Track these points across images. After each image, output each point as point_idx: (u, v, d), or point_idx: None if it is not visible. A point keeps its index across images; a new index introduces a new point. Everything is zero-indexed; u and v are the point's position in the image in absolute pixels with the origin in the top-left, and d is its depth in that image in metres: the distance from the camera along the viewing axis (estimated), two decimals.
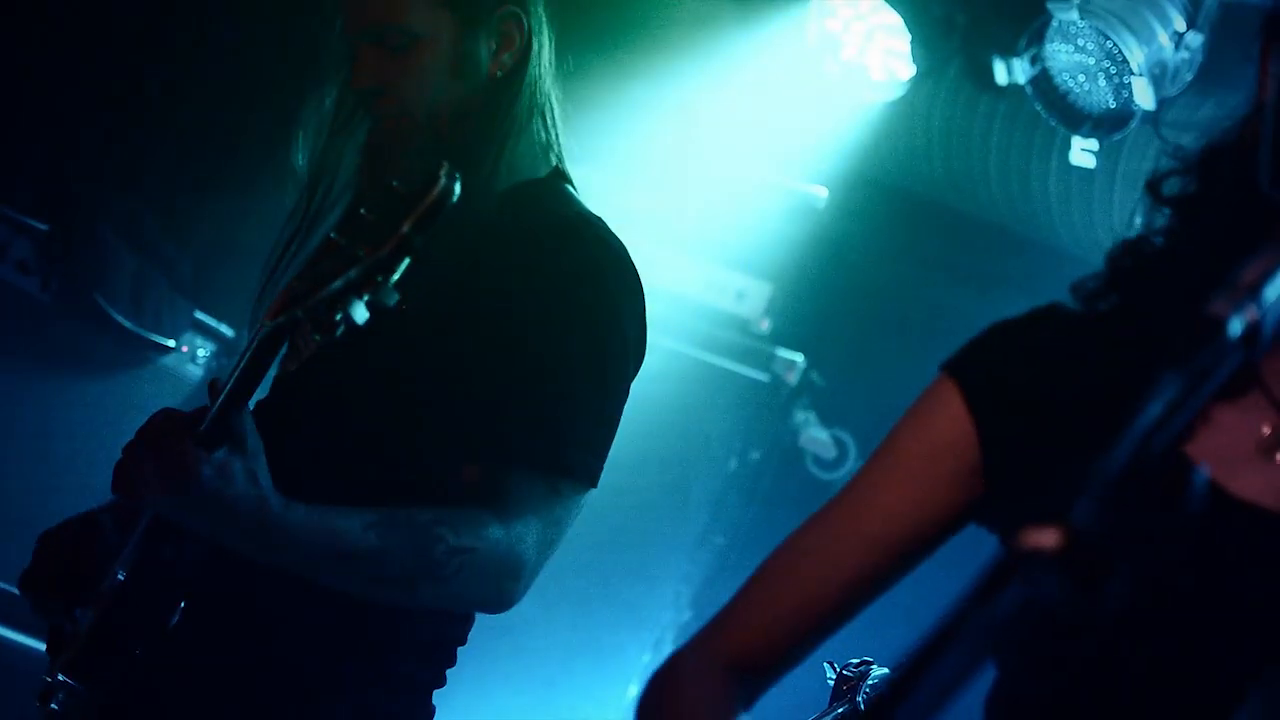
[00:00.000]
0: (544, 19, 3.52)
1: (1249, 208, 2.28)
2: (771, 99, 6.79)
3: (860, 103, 6.66)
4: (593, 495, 3.36)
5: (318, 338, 2.83)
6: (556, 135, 3.55)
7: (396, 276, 2.79)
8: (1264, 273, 1.76)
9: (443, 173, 2.81)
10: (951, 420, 2.47)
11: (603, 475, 3.35)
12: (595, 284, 3.34)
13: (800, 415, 7.22)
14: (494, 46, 3.45)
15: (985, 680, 2.53)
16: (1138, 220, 2.50)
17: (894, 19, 6.29)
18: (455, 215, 2.84)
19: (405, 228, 2.76)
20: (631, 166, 6.89)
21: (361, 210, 2.85)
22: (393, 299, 2.79)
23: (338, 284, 2.80)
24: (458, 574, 3.13)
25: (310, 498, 3.06)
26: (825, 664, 4.43)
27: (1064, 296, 2.52)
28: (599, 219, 3.46)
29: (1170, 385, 1.64)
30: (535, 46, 3.49)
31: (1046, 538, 1.46)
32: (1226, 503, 2.27)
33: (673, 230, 7.12)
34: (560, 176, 3.55)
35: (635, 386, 3.41)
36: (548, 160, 3.52)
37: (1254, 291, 1.72)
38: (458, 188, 2.82)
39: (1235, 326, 1.69)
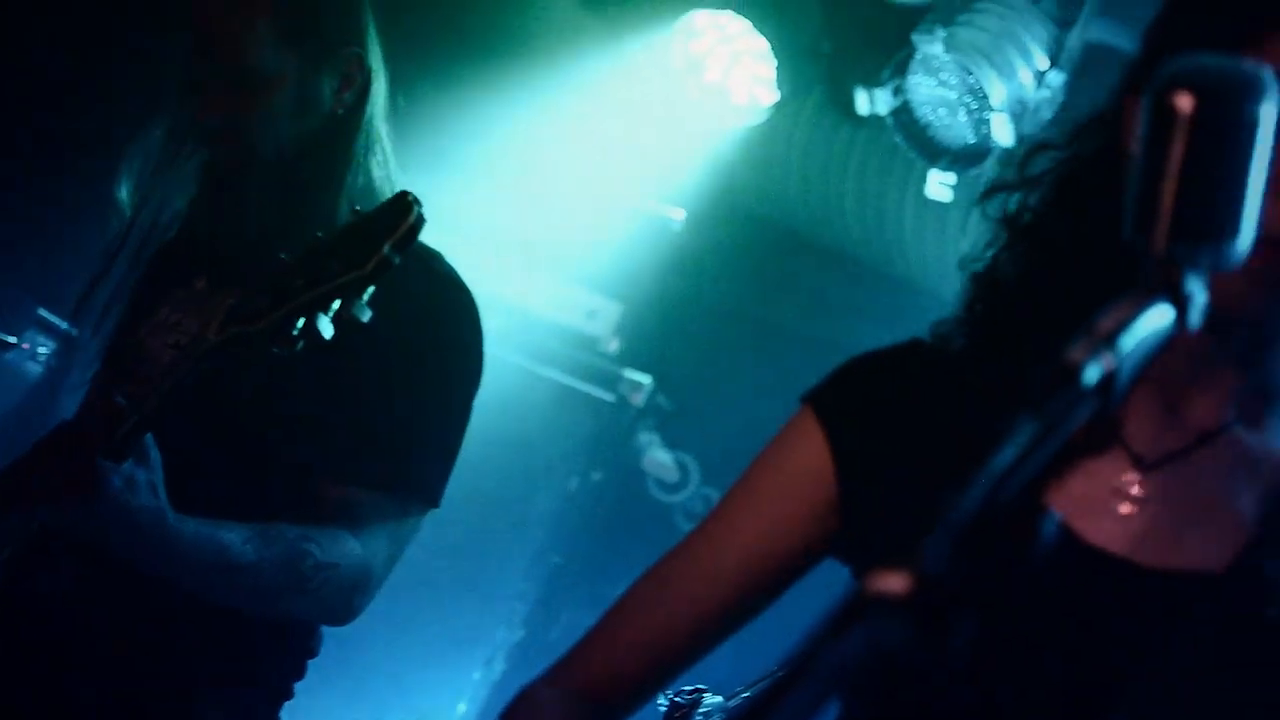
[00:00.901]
0: (380, 59, 3.63)
1: (1108, 253, 2.29)
2: (633, 118, 6.77)
3: (722, 126, 6.66)
4: (431, 510, 3.51)
5: (276, 350, 2.93)
6: (390, 170, 3.65)
7: (368, 295, 2.90)
8: (1121, 322, 1.75)
9: (412, 198, 2.93)
10: (811, 454, 2.46)
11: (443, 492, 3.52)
12: (439, 317, 3.52)
13: (644, 437, 7.20)
14: (336, 85, 3.54)
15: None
16: (989, 254, 2.51)
17: (759, 44, 6.29)
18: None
19: (386, 248, 2.87)
20: (488, 181, 6.85)
21: (319, 234, 2.97)
22: (366, 315, 2.91)
23: (306, 298, 2.89)
24: (321, 588, 3.27)
25: (189, 508, 3.13)
26: None
27: (917, 328, 2.52)
28: (437, 252, 3.59)
29: (1024, 431, 1.63)
30: (374, 85, 3.59)
31: (894, 582, 1.43)
32: (1082, 551, 2.27)
33: (526, 246, 7.09)
34: None
35: (478, 402, 3.58)
36: (384, 195, 3.60)
37: (1110, 340, 1.72)
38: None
39: (1091, 375, 1.68)
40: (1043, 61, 5.78)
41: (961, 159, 6.02)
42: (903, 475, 2.35)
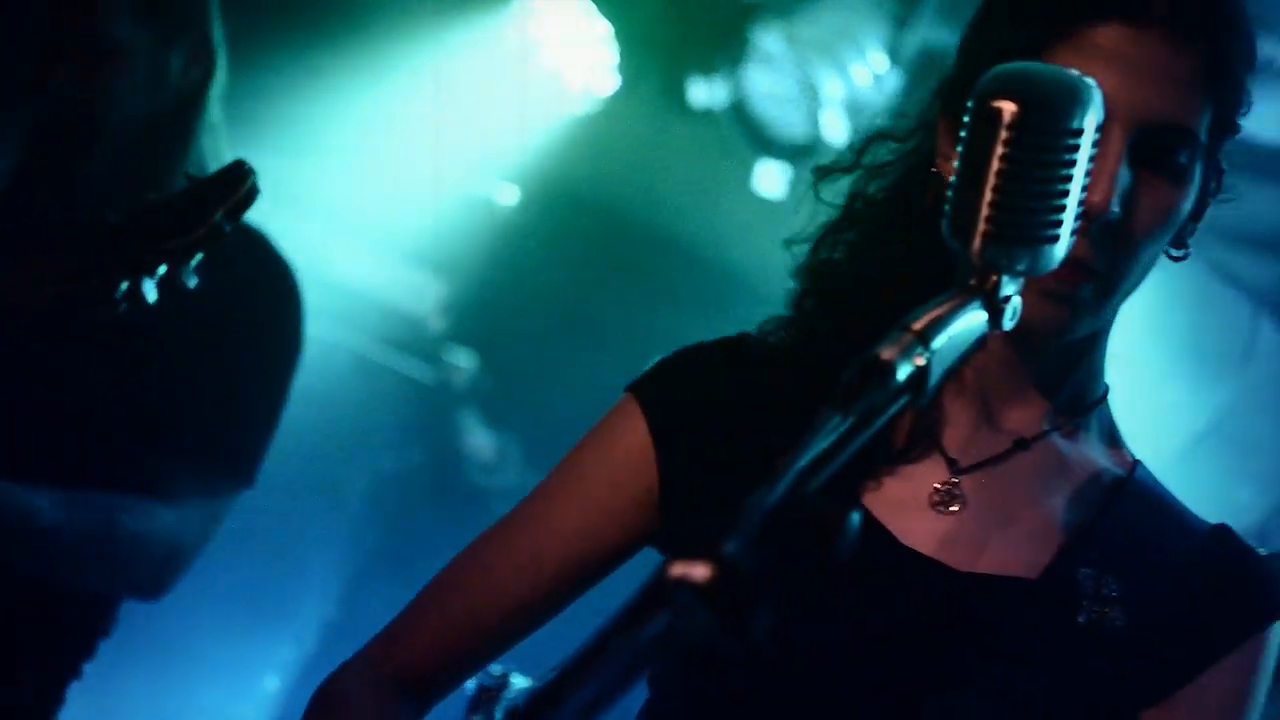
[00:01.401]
0: (222, 39, 3.62)
1: (930, 255, 2.32)
2: (467, 97, 6.74)
3: (557, 110, 6.65)
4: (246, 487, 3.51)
5: (99, 312, 2.89)
6: (220, 145, 3.62)
7: (195, 262, 2.88)
8: (934, 321, 1.77)
9: (247, 168, 2.91)
10: (634, 444, 2.46)
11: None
12: (262, 295, 3.52)
13: (465, 418, 7.18)
14: (183, 62, 3.53)
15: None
16: (823, 254, 2.53)
17: (596, 29, 6.30)
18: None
19: (218, 215, 2.85)
20: (316, 155, 6.79)
21: (150, 196, 2.94)
22: (192, 282, 2.89)
23: (132, 261, 2.86)
24: (129, 558, 3.26)
25: None
26: None
27: (746, 320, 2.53)
28: (263, 231, 3.59)
29: (833, 425, 1.64)
30: (217, 64, 3.58)
31: (695, 570, 1.44)
32: (896, 551, 2.30)
33: (350, 221, 7.03)
34: None
35: (299, 380, 3.54)
36: (214, 169, 3.59)
37: (923, 338, 1.74)
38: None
39: (902, 371, 1.70)
40: (880, 61, 5.83)
41: (794, 154, 6.07)
42: (722, 469, 2.36)
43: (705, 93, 6.03)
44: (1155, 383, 6.56)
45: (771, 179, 6.16)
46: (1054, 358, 2.40)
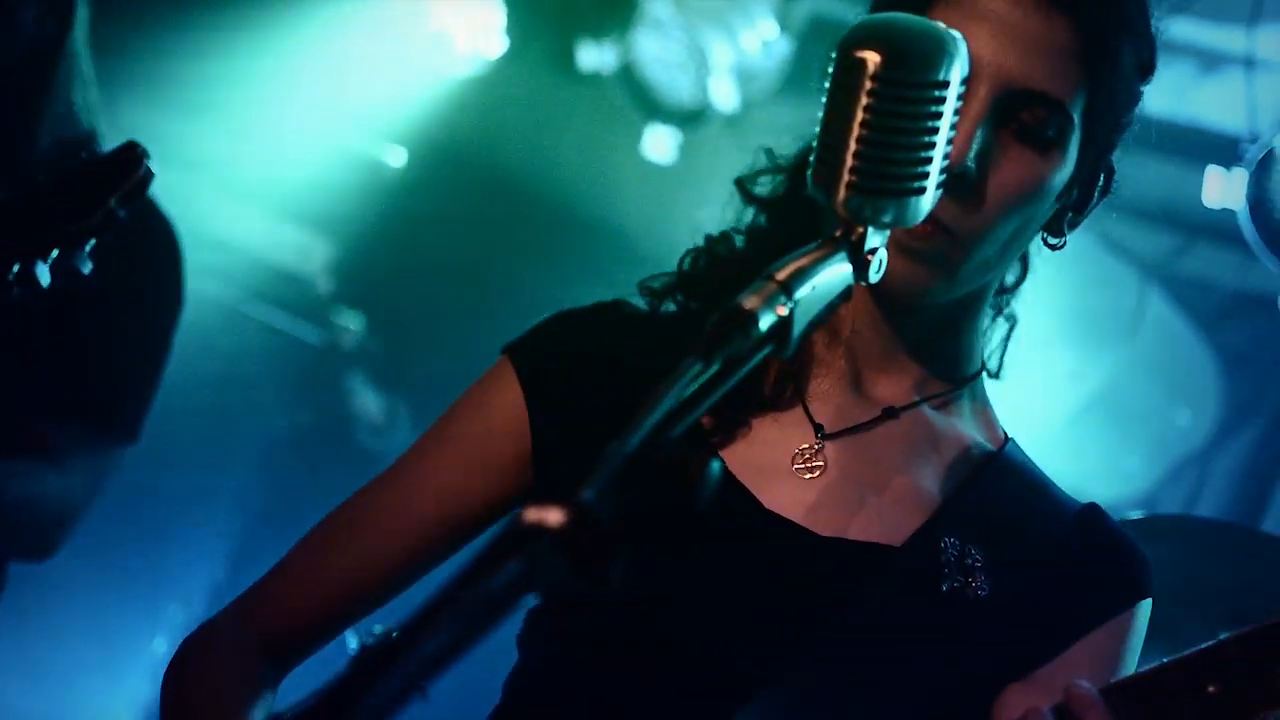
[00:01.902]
0: None
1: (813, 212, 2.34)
2: (355, 58, 6.69)
3: (445, 72, 6.62)
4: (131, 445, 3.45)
5: None
6: (91, 98, 3.53)
7: (90, 247, 2.81)
8: (798, 270, 1.77)
9: (141, 151, 2.82)
10: (507, 405, 2.47)
11: (147, 422, 3.48)
12: (138, 248, 3.41)
13: (353, 379, 7.14)
14: (36, 13, 3.42)
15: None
16: (728, 215, 2.55)
17: None
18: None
19: (112, 202, 2.77)
20: (203, 113, 6.72)
21: (39, 177, 2.84)
22: (87, 267, 2.82)
23: (24, 244, 2.79)
24: (17, 523, 3.25)
25: None
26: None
27: (632, 283, 2.57)
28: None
29: (693, 373, 1.64)
30: (77, 13, 3.47)
31: (550, 515, 1.43)
32: (759, 514, 2.31)
33: (238, 181, 6.96)
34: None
35: (183, 340, 3.50)
36: (86, 123, 3.54)
37: (786, 288, 1.74)
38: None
39: (764, 320, 1.70)
40: (769, 28, 5.83)
41: (683, 119, 6.06)
42: (593, 429, 2.35)
43: (594, 56, 6.02)
44: (1044, 352, 6.59)
45: (660, 144, 6.15)
46: (925, 326, 2.42)
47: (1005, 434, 2.52)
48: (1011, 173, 2.27)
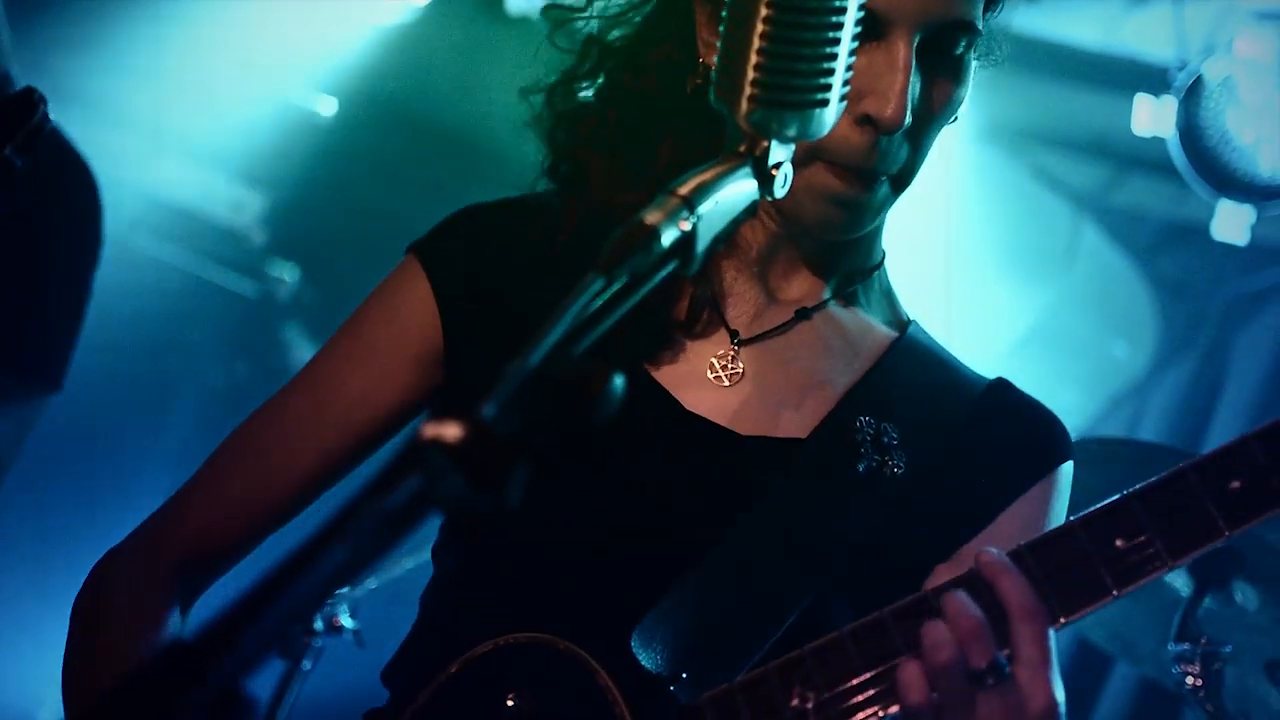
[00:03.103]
0: None
1: (689, 107, 2.34)
2: (283, 9, 6.65)
3: (373, 20, 6.59)
4: (69, 404, 3.41)
5: None
6: (3, 42, 3.50)
7: None
8: (701, 186, 1.76)
9: (38, 97, 2.81)
10: (416, 303, 2.44)
11: (80, 384, 3.43)
12: (53, 191, 3.33)
13: (289, 331, 7.11)
14: None
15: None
16: (561, 102, 2.52)
17: None
18: None
19: (8, 150, 2.77)
20: (133, 66, 6.66)
21: None
22: None
23: None
24: None
25: None
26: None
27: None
28: (56, 131, 3.43)
29: (596, 288, 1.62)
30: None
31: (447, 430, 1.42)
32: (680, 416, 2.31)
33: (170, 135, 6.92)
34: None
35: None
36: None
37: (689, 203, 1.72)
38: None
39: (666, 236, 1.69)
40: None
41: None
42: (502, 327, 2.35)
43: (522, 1, 5.99)
44: (980, 286, 6.63)
45: None
46: (815, 244, 2.45)
47: (908, 318, 2.55)
48: (936, 103, 2.32)
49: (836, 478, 2.30)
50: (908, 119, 2.23)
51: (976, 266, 6.59)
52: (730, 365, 2.38)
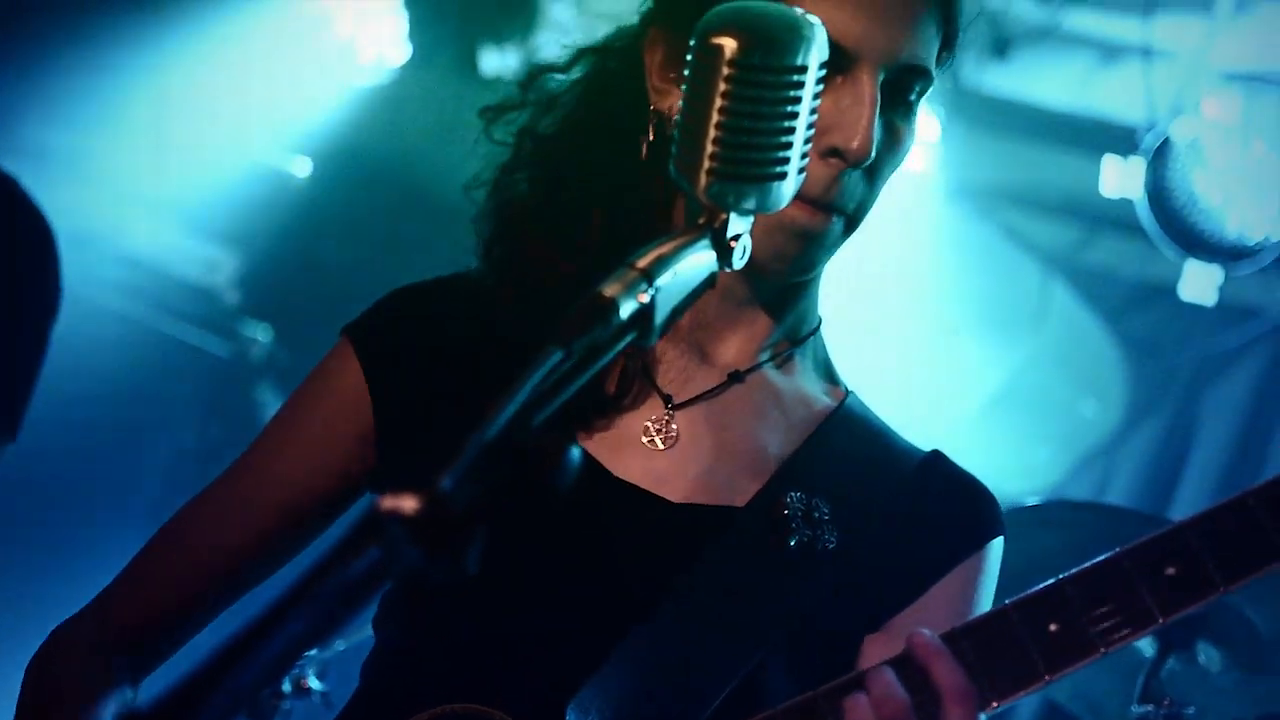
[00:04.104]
0: None
1: (633, 185, 2.36)
2: (259, 69, 6.68)
3: (349, 80, 6.62)
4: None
5: None
6: None
7: None
8: (660, 258, 1.78)
9: None
10: (348, 384, 2.45)
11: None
12: (7, 243, 3.41)
13: (263, 392, 7.10)
14: None
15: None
16: (503, 196, 2.53)
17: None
18: None
19: None
20: (109, 127, 6.68)
21: None
22: None
23: None
24: None
25: None
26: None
27: None
28: (11, 176, 3.49)
29: (554, 361, 1.64)
30: None
31: (406, 502, 1.43)
32: (611, 485, 2.32)
33: (144, 194, 6.93)
34: None
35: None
36: None
37: (648, 275, 1.74)
38: None
39: (625, 308, 1.70)
40: None
41: None
42: (436, 406, 2.37)
43: (497, 61, 6.03)
44: (952, 345, 6.65)
45: None
46: (775, 293, 2.45)
47: (846, 388, 2.56)
48: (892, 146, 2.34)
49: (770, 550, 2.31)
50: (874, 153, 2.25)
51: (947, 325, 6.61)
52: (664, 429, 2.39)
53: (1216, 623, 3.85)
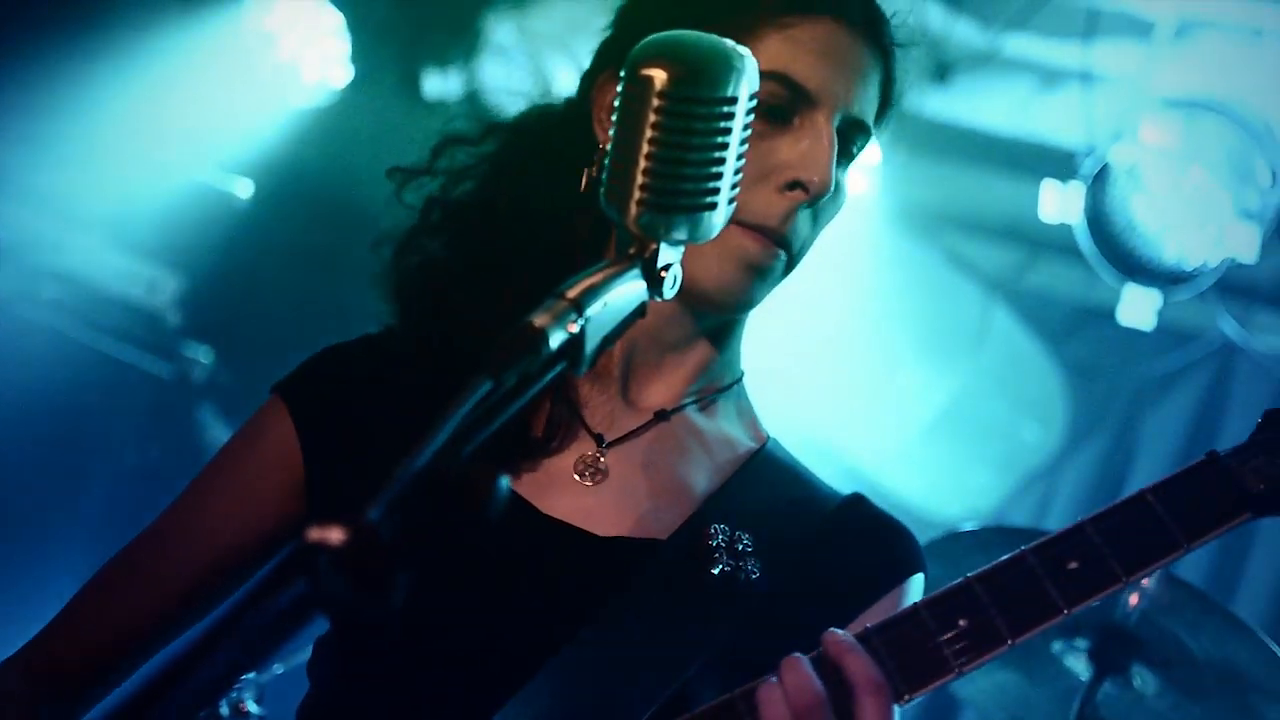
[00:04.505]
0: None
1: (583, 226, 2.39)
2: (202, 91, 6.66)
3: (292, 102, 6.60)
4: None
5: None
6: None
7: None
8: (590, 288, 1.79)
9: None
10: (278, 439, 2.50)
11: None
12: None
13: (204, 412, 7.08)
14: None
15: None
16: (413, 258, 2.57)
17: (334, 21, 6.27)
18: None
19: None
20: (49, 148, 6.65)
21: None
22: None
23: None
24: None
25: None
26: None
27: None
28: None
29: (483, 392, 1.64)
30: None
31: (332, 534, 1.43)
32: (539, 521, 2.34)
33: (85, 215, 6.90)
34: None
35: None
36: None
37: (577, 305, 1.75)
38: None
39: (554, 338, 1.71)
40: None
41: None
42: (364, 456, 2.40)
43: (440, 84, 6.03)
44: (892, 369, 6.67)
45: None
46: (696, 334, 2.50)
47: (768, 434, 2.61)
48: (836, 196, 2.43)
49: (692, 580, 2.34)
50: (833, 186, 2.34)
51: (889, 349, 6.63)
52: (594, 467, 2.42)
53: (1152, 647, 3.88)
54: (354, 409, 2.46)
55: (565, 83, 5.65)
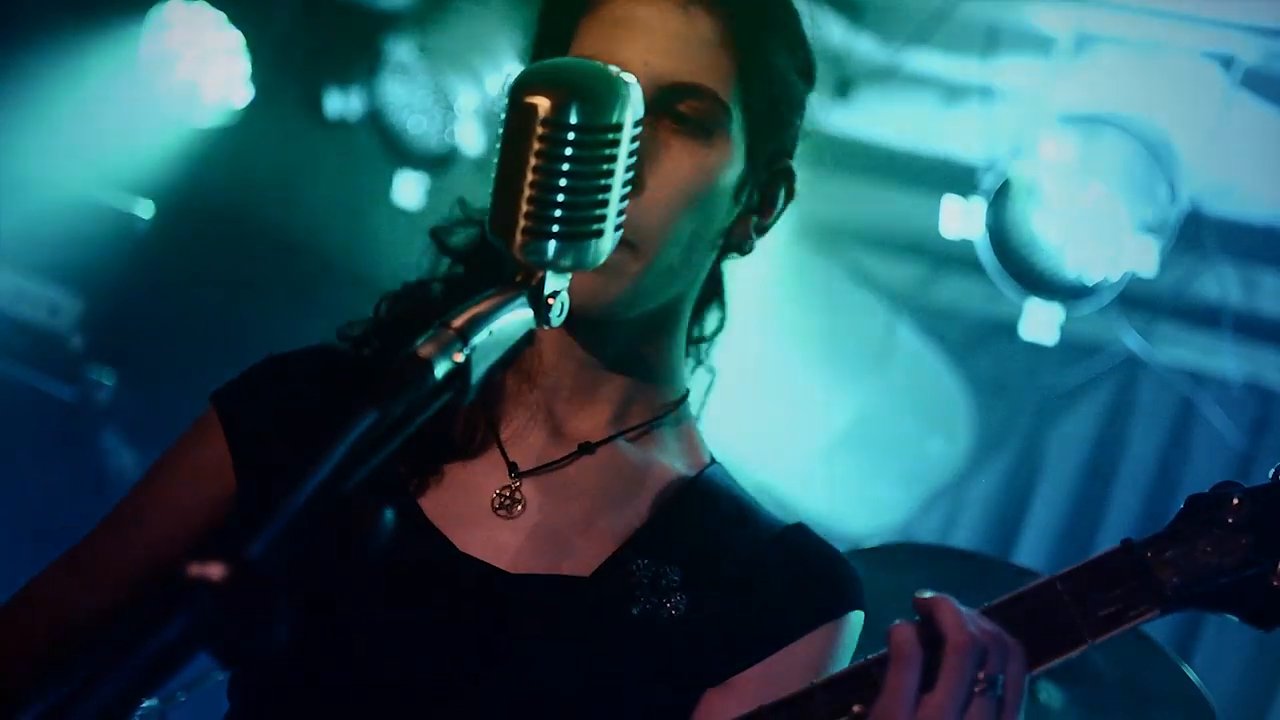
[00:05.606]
0: None
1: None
2: (102, 111, 6.62)
3: (192, 122, 6.57)
4: None
5: None
6: None
7: None
8: (475, 317, 1.78)
9: None
10: (211, 450, 2.47)
11: None
12: None
13: (107, 436, 7.02)
14: None
15: None
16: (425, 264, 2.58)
17: (233, 41, 6.24)
18: None
19: None
20: None
21: None
22: None
23: None
24: None
25: None
26: None
27: None
28: None
29: (369, 422, 1.64)
30: None
31: (211, 569, 1.42)
32: (452, 558, 2.32)
33: None
34: None
35: None
36: None
37: (462, 335, 1.74)
38: None
39: (440, 368, 1.71)
40: (514, 70, 5.87)
41: (431, 164, 6.07)
42: (283, 470, 2.36)
43: (341, 103, 6.02)
44: (796, 384, 6.67)
45: (409, 190, 6.16)
46: (617, 357, 2.46)
47: (710, 457, 2.56)
48: (675, 165, 2.32)
49: (610, 619, 2.31)
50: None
51: (792, 364, 6.64)
52: (511, 500, 2.39)
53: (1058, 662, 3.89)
54: (290, 421, 2.42)
55: (467, 101, 5.67)
